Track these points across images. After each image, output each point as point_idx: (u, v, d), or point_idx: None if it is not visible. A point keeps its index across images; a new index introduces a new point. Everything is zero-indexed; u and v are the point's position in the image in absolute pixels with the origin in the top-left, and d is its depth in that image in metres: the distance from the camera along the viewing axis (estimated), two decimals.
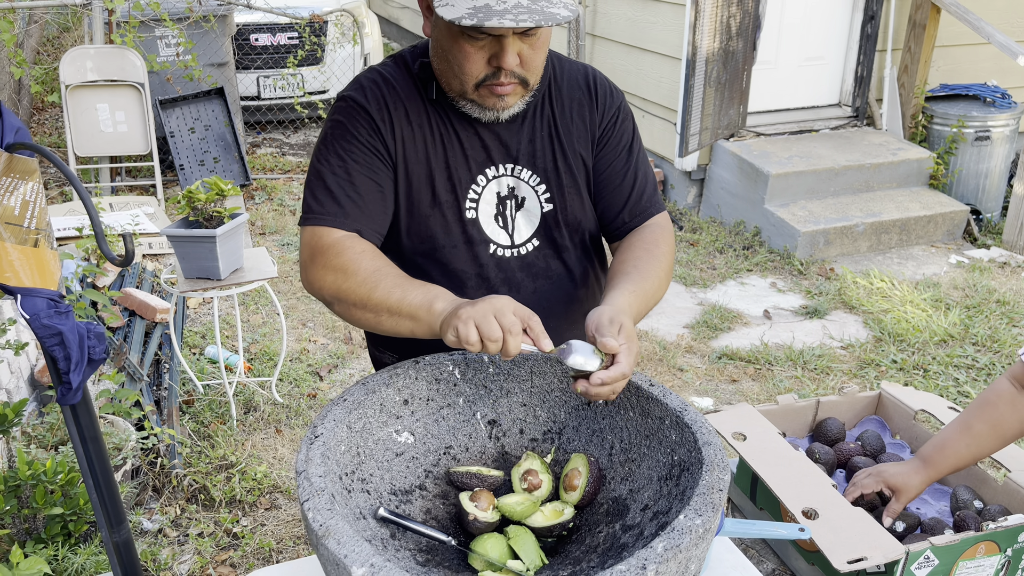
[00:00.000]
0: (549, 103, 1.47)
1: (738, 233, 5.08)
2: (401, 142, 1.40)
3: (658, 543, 1.01)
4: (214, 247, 2.82)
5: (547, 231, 1.49)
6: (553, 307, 1.53)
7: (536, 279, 1.51)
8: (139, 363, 3.24)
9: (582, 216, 1.51)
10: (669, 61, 5.20)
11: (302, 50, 6.35)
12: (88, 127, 5.10)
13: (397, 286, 1.27)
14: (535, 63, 1.33)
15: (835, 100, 5.68)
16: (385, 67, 1.45)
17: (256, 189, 5.65)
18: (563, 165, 1.47)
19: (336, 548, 0.99)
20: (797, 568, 1.88)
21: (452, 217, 1.44)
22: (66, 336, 1.30)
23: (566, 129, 1.47)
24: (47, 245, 1.30)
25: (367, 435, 1.28)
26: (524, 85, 1.35)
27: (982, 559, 1.70)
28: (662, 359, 3.75)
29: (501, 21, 1.17)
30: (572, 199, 1.49)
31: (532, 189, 1.47)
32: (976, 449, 1.71)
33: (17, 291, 1.27)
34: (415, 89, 1.42)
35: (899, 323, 4.00)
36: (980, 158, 5.17)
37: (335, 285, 1.32)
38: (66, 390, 1.35)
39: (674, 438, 1.25)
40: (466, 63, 1.30)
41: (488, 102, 1.35)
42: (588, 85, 1.50)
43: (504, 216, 1.47)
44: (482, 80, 1.32)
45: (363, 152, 1.39)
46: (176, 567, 2.52)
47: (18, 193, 1.25)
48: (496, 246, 1.47)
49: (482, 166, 1.44)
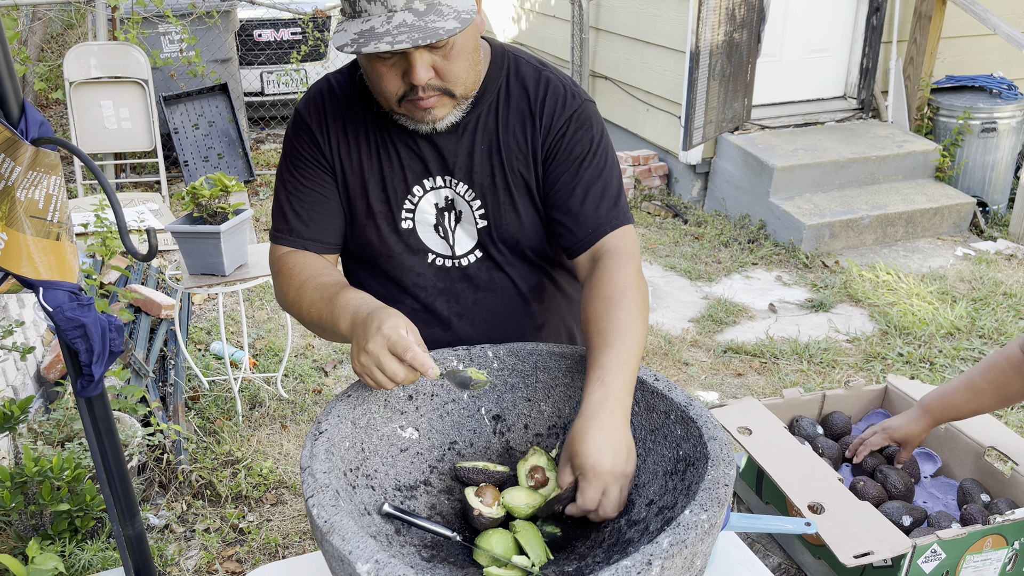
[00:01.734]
0: (495, 114, 1.40)
1: (743, 226, 5.07)
2: (338, 154, 1.42)
3: (663, 539, 1.00)
4: (218, 243, 2.82)
5: (484, 246, 1.45)
6: (496, 320, 1.50)
7: (477, 290, 1.48)
8: (144, 359, 3.24)
9: (520, 234, 1.44)
10: (673, 54, 5.18)
11: (305, 45, 6.35)
12: (92, 124, 5.11)
13: (313, 304, 1.34)
14: (454, 73, 1.27)
15: (840, 92, 5.66)
16: (338, 75, 1.45)
17: (260, 185, 5.66)
18: (501, 182, 1.41)
19: (341, 544, 0.99)
20: (803, 562, 1.87)
21: (387, 228, 1.44)
22: (89, 328, 1.32)
23: (506, 143, 1.40)
24: (67, 238, 1.31)
25: (371, 431, 1.28)
26: (450, 95, 1.30)
27: (989, 553, 1.70)
28: (667, 353, 3.74)
29: (377, 45, 1.15)
30: (508, 216, 1.42)
31: (467, 203, 1.43)
32: (976, 405, 1.79)
33: (38, 284, 1.28)
34: (358, 99, 1.42)
35: (905, 316, 3.99)
36: (986, 150, 5.14)
37: (283, 303, 1.43)
38: (87, 382, 1.36)
39: (679, 433, 1.24)
40: (380, 82, 1.28)
41: (416, 115, 1.31)
42: (536, 95, 1.40)
43: (444, 227, 1.45)
44: (402, 96, 1.28)
45: (307, 167, 1.43)
46: (183, 562, 2.53)
47: (42, 187, 1.26)
48: (435, 255, 1.46)
49: (419, 177, 1.42)
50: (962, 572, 1.70)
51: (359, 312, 1.23)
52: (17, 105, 1.24)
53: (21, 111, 1.25)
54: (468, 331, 1.50)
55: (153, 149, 5.24)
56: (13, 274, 1.27)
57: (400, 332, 1.16)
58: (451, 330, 1.50)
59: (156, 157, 5.27)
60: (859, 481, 1.86)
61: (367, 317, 1.20)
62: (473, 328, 1.50)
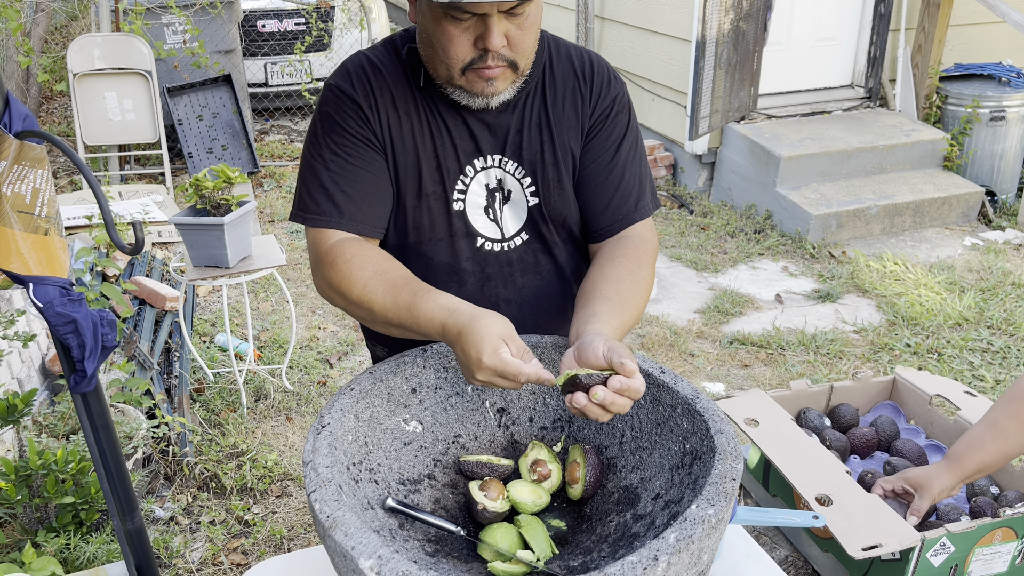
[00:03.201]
0: (542, 91, 1.38)
1: (749, 217, 5.04)
2: (388, 130, 1.35)
3: (670, 533, 0.99)
4: (222, 235, 2.81)
5: (535, 226, 1.42)
6: (541, 303, 1.47)
7: (525, 274, 1.45)
8: (149, 352, 3.24)
9: (567, 211, 1.43)
10: (679, 43, 5.15)
11: (309, 36, 6.32)
12: (96, 116, 5.10)
13: (388, 305, 1.24)
14: (524, 44, 1.26)
15: (848, 81, 5.61)
16: (373, 51, 1.39)
17: (265, 176, 5.65)
18: (550, 157, 1.39)
19: (343, 540, 0.98)
20: (810, 555, 1.86)
21: (439, 209, 1.38)
22: (80, 324, 1.30)
23: (557, 119, 1.39)
24: (56, 233, 1.30)
25: (375, 424, 1.27)
26: (514, 69, 1.28)
27: (999, 546, 1.68)
28: (673, 344, 3.72)
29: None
30: (557, 193, 1.41)
31: (518, 182, 1.40)
32: (1004, 444, 1.64)
33: (28, 280, 1.26)
34: (403, 75, 1.36)
35: (913, 306, 3.96)
36: (995, 139, 5.10)
37: (340, 300, 1.31)
38: (80, 378, 1.35)
39: (686, 426, 1.23)
40: (451, 46, 1.24)
41: (476, 87, 1.28)
42: (584, 72, 1.40)
43: (493, 209, 1.41)
44: (469, 64, 1.25)
45: (354, 144, 1.33)
46: (188, 554, 2.53)
47: (28, 181, 1.24)
48: (484, 239, 1.42)
49: (470, 156, 1.38)
50: (971, 565, 1.68)
51: (448, 329, 1.16)
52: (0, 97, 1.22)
53: (5, 104, 1.23)
54: (514, 316, 1.45)
55: (157, 141, 5.23)
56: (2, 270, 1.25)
57: (503, 357, 1.10)
58: None
59: (160, 149, 5.26)
60: (867, 473, 1.85)
61: (461, 338, 1.13)
62: (520, 312, 1.46)
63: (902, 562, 1.62)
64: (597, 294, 1.28)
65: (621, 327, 1.24)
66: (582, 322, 1.22)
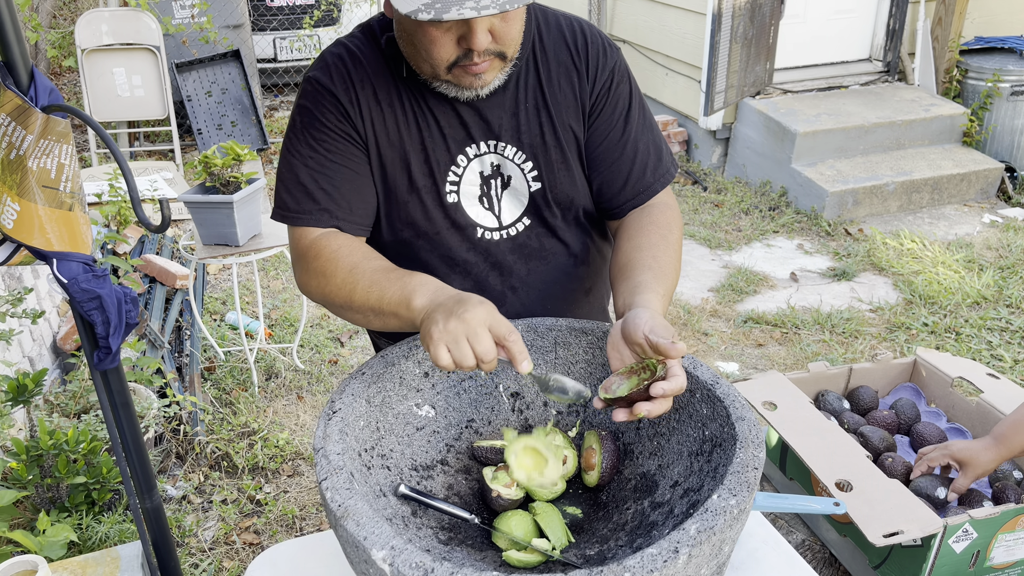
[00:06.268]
0: (534, 69, 1.32)
1: (764, 193, 4.98)
2: (371, 124, 1.29)
3: (691, 525, 0.96)
4: (232, 213, 2.78)
5: (537, 210, 1.38)
6: (550, 288, 1.44)
7: (529, 260, 1.41)
8: (160, 330, 3.23)
9: (573, 192, 1.38)
10: (693, 16, 5.05)
11: (318, 10, 6.25)
12: (105, 92, 5.06)
13: (374, 284, 1.19)
14: (511, 35, 1.20)
15: (865, 55, 5.51)
16: (352, 39, 1.33)
17: (274, 153, 5.61)
18: (551, 139, 1.34)
19: (355, 530, 0.96)
20: (828, 539, 1.83)
21: (432, 202, 1.33)
22: (105, 300, 1.29)
23: (553, 98, 1.33)
24: (80, 209, 1.28)
25: (387, 409, 1.24)
26: (502, 58, 1.23)
27: (1022, 532, 1.65)
28: (686, 323, 3.69)
29: (461, 11, 1.04)
30: (562, 175, 1.36)
31: (518, 167, 1.35)
32: None
33: (52, 255, 1.24)
34: (384, 65, 1.30)
35: (930, 285, 3.91)
36: (1016, 113, 5.00)
37: (318, 290, 1.27)
38: (104, 354, 1.33)
39: (705, 412, 1.20)
40: (433, 48, 1.18)
41: (464, 82, 1.23)
42: (576, 46, 1.34)
43: (489, 197, 1.36)
44: (454, 62, 1.20)
45: (333, 139, 1.28)
46: (201, 533, 2.53)
47: (54, 156, 1.22)
48: (483, 229, 1.37)
49: (461, 145, 1.32)
50: (993, 551, 1.65)
51: (443, 290, 1.13)
52: (26, 72, 1.20)
53: (30, 78, 1.20)
54: (523, 303, 1.43)
55: (166, 117, 5.19)
56: (26, 245, 1.23)
57: (499, 315, 1.08)
58: (505, 305, 1.42)
59: (169, 125, 5.22)
60: (888, 457, 1.81)
61: (458, 294, 1.10)
62: (528, 299, 1.43)
63: (923, 548, 1.59)
64: (637, 264, 1.26)
65: (666, 293, 1.23)
66: (628, 294, 1.20)
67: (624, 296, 1.21)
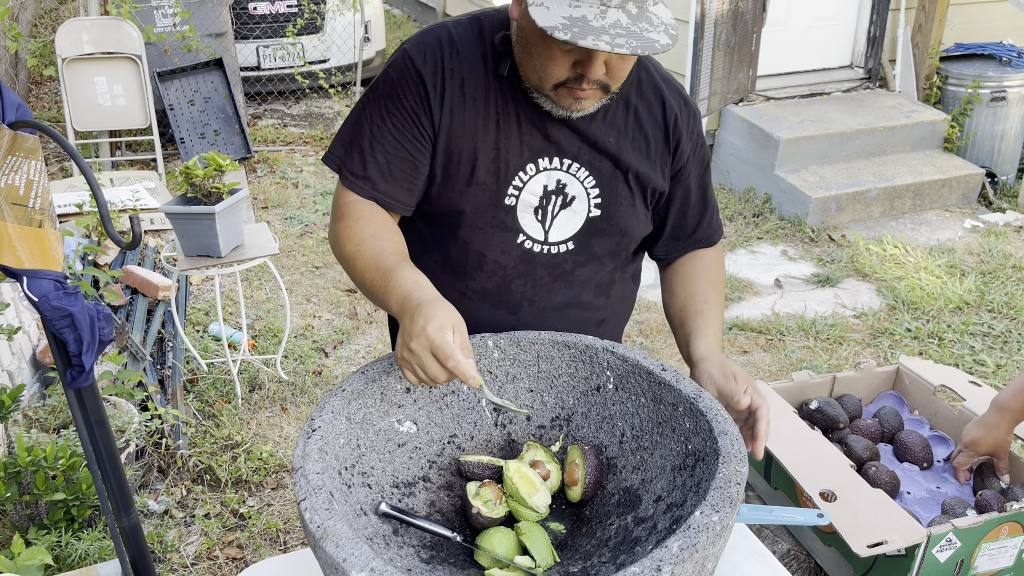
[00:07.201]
0: (625, 109, 1.38)
1: (748, 200, 5.00)
2: (449, 113, 1.32)
3: (673, 542, 0.96)
4: (213, 224, 2.76)
5: (587, 236, 1.42)
6: (563, 312, 1.46)
7: (555, 281, 1.44)
8: (142, 342, 3.20)
9: (628, 228, 1.43)
10: (676, 23, 5.07)
11: (301, 18, 6.23)
12: (86, 101, 5.02)
13: (367, 270, 1.27)
14: (621, 73, 1.25)
15: (847, 62, 5.55)
16: (459, 26, 1.36)
17: (258, 162, 5.58)
18: (620, 175, 1.39)
19: (335, 552, 0.95)
20: (813, 549, 1.83)
21: (487, 200, 1.36)
22: (77, 318, 1.27)
23: (635, 142, 1.38)
24: (50, 225, 1.26)
25: (367, 426, 1.23)
26: (606, 91, 1.26)
27: (1005, 540, 1.65)
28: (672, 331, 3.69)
29: (596, 42, 1.08)
30: (625, 208, 1.41)
31: (585, 190, 1.38)
32: None
33: (22, 273, 1.23)
34: (482, 59, 1.33)
35: (913, 290, 3.93)
36: (996, 119, 5.05)
37: (335, 249, 1.35)
38: (77, 373, 1.31)
39: (688, 426, 1.19)
40: (549, 64, 1.22)
41: (564, 102, 1.27)
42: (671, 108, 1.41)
43: (545, 211, 1.39)
44: (563, 82, 1.23)
45: (405, 118, 1.32)
46: (183, 549, 2.50)
47: (22, 172, 1.21)
48: (526, 238, 1.40)
49: (536, 155, 1.35)
50: (977, 560, 1.66)
51: (410, 298, 1.16)
52: None
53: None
54: (533, 318, 1.45)
55: (148, 126, 5.16)
56: None
57: (445, 336, 1.09)
58: (518, 315, 1.45)
59: (152, 134, 5.19)
60: (871, 467, 1.82)
61: (416, 308, 1.13)
62: (540, 315, 1.46)
63: (907, 558, 1.59)
64: (697, 307, 1.46)
65: (719, 333, 1.43)
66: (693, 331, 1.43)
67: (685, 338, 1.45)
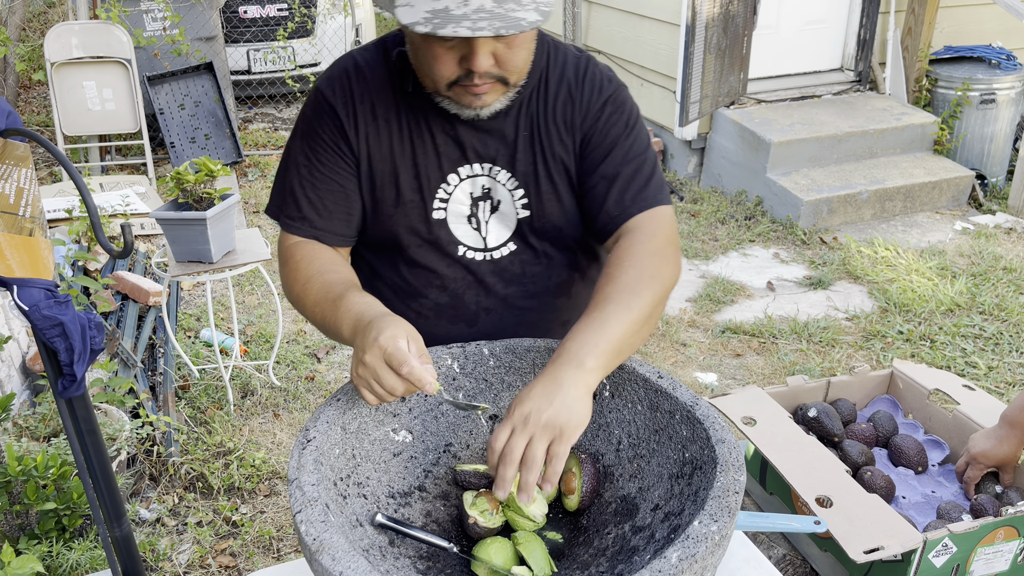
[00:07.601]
0: (536, 99, 1.35)
1: (739, 203, 5.00)
2: (365, 139, 1.33)
3: (672, 553, 0.95)
4: (205, 230, 2.74)
5: (523, 237, 1.39)
6: (525, 314, 1.44)
7: (509, 285, 1.42)
8: (132, 348, 3.18)
9: (562, 223, 1.39)
10: (668, 27, 5.08)
11: (292, 22, 6.22)
12: (75, 105, 5.00)
13: (317, 304, 1.27)
14: (514, 62, 1.22)
15: (837, 64, 5.57)
16: (364, 52, 1.37)
17: (249, 166, 5.56)
18: (543, 170, 1.36)
19: (331, 564, 0.94)
20: (809, 554, 1.83)
21: (417, 217, 1.36)
22: (67, 327, 1.26)
23: (546, 129, 1.35)
24: (41, 233, 1.25)
25: (363, 436, 1.22)
26: (504, 83, 1.25)
27: (1001, 545, 1.66)
28: (664, 334, 3.69)
29: (456, 29, 1.08)
30: (551, 206, 1.37)
31: (508, 193, 1.36)
32: None
33: (12, 282, 1.21)
34: (388, 80, 1.33)
35: (905, 293, 3.94)
36: (985, 121, 5.07)
37: (287, 293, 1.36)
38: (68, 382, 1.30)
39: (685, 434, 1.19)
40: (436, 64, 1.20)
41: (464, 100, 1.25)
42: (575, 80, 1.35)
43: (477, 218, 1.38)
44: (455, 80, 1.22)
45: (327, 152, 1.34)
46: (175, 557, 2.48)
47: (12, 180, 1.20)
48: (466, 248, 1.39)
49: (455, 164, 1.35)
50: (973, 565, 1.66)
51: (361, 319, 1.16)
52: None
53: None
54: (496, 324, 1.43)
55: (138, 131, 5.13)
56: None
57: (398, 344, 1.08)
58: (476, 326, 1.43)
59: (142, 139, 5.16)
60: (867, 472, 1.82)
61: (368, 325, 1.13)
62: (502, 321, 1.43)
63: (903, 563, 1.59)
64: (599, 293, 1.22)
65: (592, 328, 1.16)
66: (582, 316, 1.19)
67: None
